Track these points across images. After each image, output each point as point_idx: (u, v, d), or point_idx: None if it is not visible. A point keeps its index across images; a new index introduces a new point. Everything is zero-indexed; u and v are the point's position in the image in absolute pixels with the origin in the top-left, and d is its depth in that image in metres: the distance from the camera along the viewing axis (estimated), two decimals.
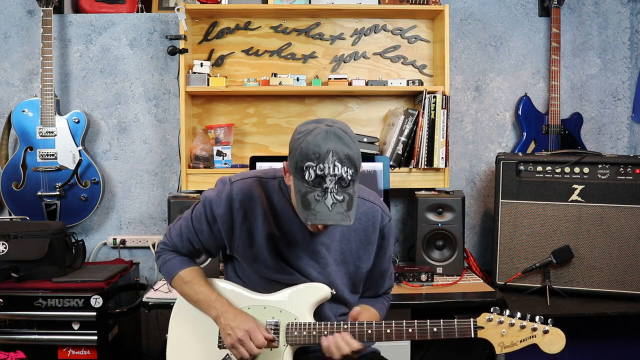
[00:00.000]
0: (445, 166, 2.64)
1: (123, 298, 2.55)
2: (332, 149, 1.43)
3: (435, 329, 1.57)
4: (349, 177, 1.44)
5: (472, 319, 1.57)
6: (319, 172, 1.42)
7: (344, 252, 1.69)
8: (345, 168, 1.43)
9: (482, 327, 1.56)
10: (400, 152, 2.65)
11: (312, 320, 1.64)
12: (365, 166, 2.58)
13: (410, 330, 1.58)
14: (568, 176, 2.43)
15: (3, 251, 2.42)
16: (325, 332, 1.59)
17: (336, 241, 1.68)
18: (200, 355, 1.71)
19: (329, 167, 1.42)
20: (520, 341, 1.54)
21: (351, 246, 1.69)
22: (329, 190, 1.43)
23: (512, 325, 1.53)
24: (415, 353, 2.44)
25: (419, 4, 2.70)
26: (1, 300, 2.30)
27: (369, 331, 1.59)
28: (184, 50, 2.62)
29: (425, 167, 2.63)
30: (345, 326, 1.59)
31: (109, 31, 2.83)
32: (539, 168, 2.45)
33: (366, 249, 1.71)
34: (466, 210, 2.85)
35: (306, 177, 1.43)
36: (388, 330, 1.58)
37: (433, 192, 2.63)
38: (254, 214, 1.64)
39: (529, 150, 2.86)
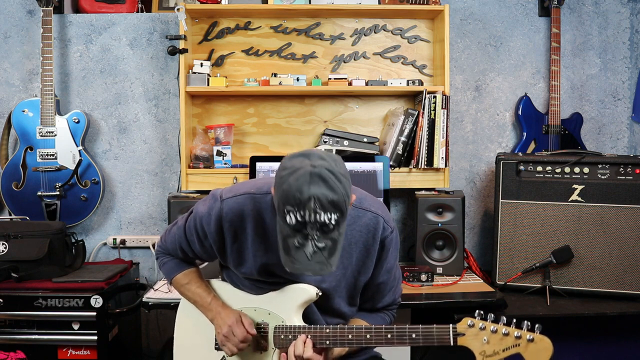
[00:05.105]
0: (445, 166, 2.64)
1: (123, 298, 2.55)
2: (315, 194, 1.32)
3: (414, 335, 1.53)
4: (333, 223, 1.35)
5: (451, 325, 1.49)
6: (299, 219, 1.33)
7: (345, 267, 1.64)
8: (329, 214, 1.33)
9: (463, 334, 1.47)
10: (400, 152, 2.65)
11: (300, 322, 1.62)
12: (365, 166, 2.59)
13: (389, 335, 1.55)
14: (568, 176, 2.43)
15: (3, 251, 2.42)
16: (309, 335, 1.57)
17: None
18: (202, 356, 1.72)
19: (310, 215, 1.32)
20: (503, 350, 1.44)
21: (352, 259, 1.64)
22: (310, 237, 1.35)
23: (494, 332, 1.44)
24: (415, 353, 2.44)
25: (419, 4, 2.70)
26: (1, 300, 2.30)
27: (350, 336, 1.57)
28: (184, 50, 2.62)
29: (425, 167, 2.63)
30: (328, 330, 1.58)
31: (109, 31, 2.83)
32: (539, 168, 2.45)
33: (365, 262, 1.65)
34: (466, 210, 2.85)
35: (287, 220, 1.35)
36: (368, 336, 1.56)
37: (433, 192, 2.63)
38: (245, 234, 1.60)
39: (529, 150, 2.86)
